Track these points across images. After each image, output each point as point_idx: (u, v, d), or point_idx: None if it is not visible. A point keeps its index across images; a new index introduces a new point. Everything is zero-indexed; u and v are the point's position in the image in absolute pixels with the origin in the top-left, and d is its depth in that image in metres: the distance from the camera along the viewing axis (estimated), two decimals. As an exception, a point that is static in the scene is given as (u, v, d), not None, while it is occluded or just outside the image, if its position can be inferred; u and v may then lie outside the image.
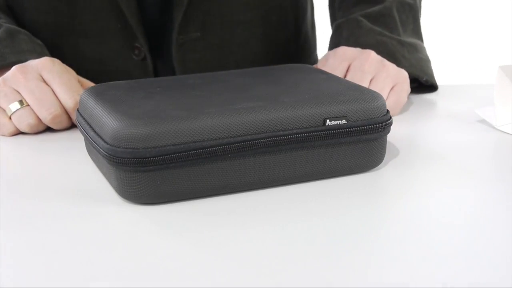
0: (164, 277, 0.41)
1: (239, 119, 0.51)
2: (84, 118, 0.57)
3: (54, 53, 0.76)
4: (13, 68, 0.69)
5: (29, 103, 0.67)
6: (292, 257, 0.44)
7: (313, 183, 0.55)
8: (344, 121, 0.54)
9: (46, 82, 0.69)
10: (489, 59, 1.87)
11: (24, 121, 0.67)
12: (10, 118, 0.68)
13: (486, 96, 0.77)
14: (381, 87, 0.72)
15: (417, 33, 0.87)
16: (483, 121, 0.71)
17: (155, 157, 0.48)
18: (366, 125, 0.54)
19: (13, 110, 0.67)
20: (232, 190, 0.53)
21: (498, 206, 0.52)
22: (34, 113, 0.67)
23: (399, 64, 0.78)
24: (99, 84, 0.61)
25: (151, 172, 0.49)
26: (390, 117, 0.56)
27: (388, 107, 0.70)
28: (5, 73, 0.70)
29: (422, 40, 0.88)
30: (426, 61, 0.83)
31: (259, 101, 0.53)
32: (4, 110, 0.68)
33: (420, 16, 0.89)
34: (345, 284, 0.40)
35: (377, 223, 0.49)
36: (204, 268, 0.42)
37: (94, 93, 0.58)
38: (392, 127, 0.57)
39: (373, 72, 0.73)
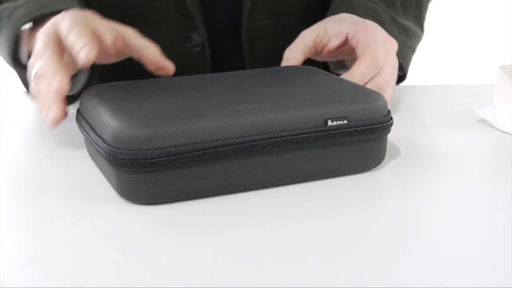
0: (164, 277, 0.41)
1: (240, 121, 0.51)
2: (84, 118, 0.57)
3: None
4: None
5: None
6: (292, 257, 0.44)
7: (314, 183, 0.55)
8: (345, 122, 0.54)
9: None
10: (489, 59, 1.87)
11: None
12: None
13: (486, 96, 0.77)
14: (394, 80, 0.71)
15: (419, 21, 0.84)
16: (483, 121, 0.71)
17: (156, 158, 0.49)
18: (368, 125, 0.55)
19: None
20: (233, 190, 0.53)
21: (498, 206, 0.52)
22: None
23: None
24: (100, 84, 0.62)
25: (151, 173, 0.49)
26: (391, 118, 0.57)
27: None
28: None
29: (422, 30, 0.85)
30: (410, 49, 0.81)
31: (260, 103, 0.53)
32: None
33: (425, 4, 0.86)
34: (345, 284, 0.41)
35: (378, 223, 0.49)
36: (204, 268, 0.42)
37: (95, 93, 0.58)
38: (392, 127, 0.57)
39: (394, 59, 0.71)
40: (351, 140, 0.54)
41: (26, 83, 0.70)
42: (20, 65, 0.70)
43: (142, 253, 0.44)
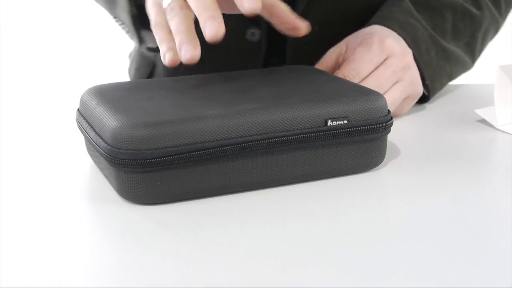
0: (164, 277, 0.41)
1: (241, 121, 0.51)
2: (84, 118, 0.57)
3: None
4: None
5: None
6: (292, 257, 0.44)
7: (313, 183, 0.55)
8: (345, 122, 0.54)
9: None
10: (489, 59, 1.87)
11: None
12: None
13: (486, 96, 0.77)
14: (400, 93, 0.71)
15: (470, 50, 0.82)
16: (483, 121, 0.71)
17: (156, 158, 0.48)
18: (367, 126, 0.55)
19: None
20: (233, 190, 0.53)
21: (498, 206, 0.52)
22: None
23: (417, 53, 0.74)
24: (101, 84, 0.61)
25: (151, 173, 0.49)
26: (391, 118, 0.57)
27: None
28: None
29: (472, 60, 0.83)
30: (446, 73, 0.79)
31: (261, 103, 0.53)
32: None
33: (481, 37, 0.83)
34: (345, 284, 0.41)
35: (377, 223, 0.49)
36: (204, 268, 0.42)
37: (95, 93, 0.58)
38: (392, 127, 0.57)
39: (400, 75, 0.71)
40: (351, 140, 0.54)
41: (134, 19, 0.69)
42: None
43: (142, 253, 0.44)
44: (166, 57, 0.55)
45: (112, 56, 2.57)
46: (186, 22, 0.55)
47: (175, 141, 0.49)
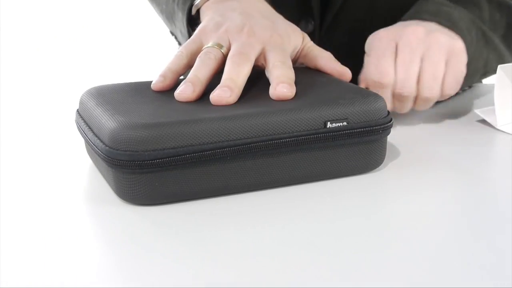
0: (163, 278, 0.41)
1: (239, 123, 0.51)
2: (83, 119, 0.57)
3: None
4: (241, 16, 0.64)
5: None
6: (291, 257, 0.44)
7: (313, 184, 0.55)
8: (345, 123, 0.54)
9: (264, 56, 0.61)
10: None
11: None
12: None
13: (486, 96, 0.77)
14: (436, 62, 0.66)
15: (507, 44, 0.77)
16: (483, 121, 0.71)
17: (154, 160, 0.48)
18: (367, 127, 0.54)
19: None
20: (232, 191, 0.53)
21: (498, 206, 0.52)
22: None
23: (459, 31, 0.69)
24: (100, 85, 0.61)
25: (149, 174, 0.49)
26: (391, 119, 0.56)
27: (446, 87, 0.67)
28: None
29: (510, 53, 0.77)
30: (482, 60, 0.74)
31: (260, 105, 0.53)
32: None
33: None
34: (344, 284, 0.40)
35: (377, 224, 0.49)
36: (203, 269, 0.42)
37: (94, 94, 0.58)
38: (392, 128, 0.57)
39: (422, 47, 0.66)
40: (351, 141, 0.54)
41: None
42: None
43: (140, 253, 0.44)
44: (157, 80, 0.59)
45: (112, 56, 2.57)
46: (206, 72, 0.58)
47: (173, 143, 0.49)
